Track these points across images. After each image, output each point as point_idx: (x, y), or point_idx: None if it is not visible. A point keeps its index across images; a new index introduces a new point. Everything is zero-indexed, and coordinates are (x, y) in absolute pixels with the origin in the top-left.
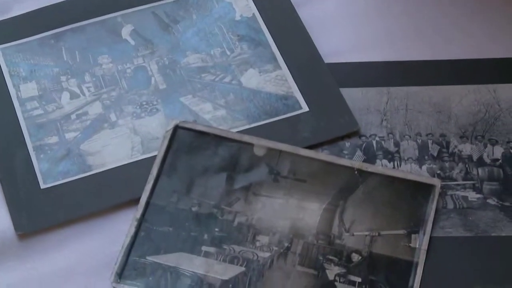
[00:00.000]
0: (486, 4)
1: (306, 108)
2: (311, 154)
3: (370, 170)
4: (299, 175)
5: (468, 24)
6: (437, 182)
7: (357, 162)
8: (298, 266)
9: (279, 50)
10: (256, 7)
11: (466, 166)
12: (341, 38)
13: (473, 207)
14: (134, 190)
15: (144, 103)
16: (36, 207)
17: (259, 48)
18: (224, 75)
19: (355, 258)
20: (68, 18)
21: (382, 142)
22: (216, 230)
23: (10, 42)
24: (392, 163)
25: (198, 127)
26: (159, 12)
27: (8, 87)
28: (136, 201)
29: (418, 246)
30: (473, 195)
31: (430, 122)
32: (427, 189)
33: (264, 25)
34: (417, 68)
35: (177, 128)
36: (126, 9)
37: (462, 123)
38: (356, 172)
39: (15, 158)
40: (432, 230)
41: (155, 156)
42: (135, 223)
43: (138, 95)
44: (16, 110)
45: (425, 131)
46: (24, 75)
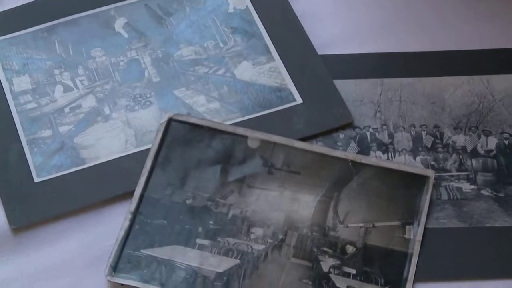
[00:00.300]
0: None
1: (299, 100)
2: (305, 146)
3: (364, 161)
4: (293, 167)
5: (461, 15)
6: (431, 173)
7: (351, 154)
8: (293, 258)
9: (273, 42)
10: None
11: (460, 157)
12: (334, 30)
13: (467, 198)
14: (128, 183)
15: (137, 96)
16: (30, 201)
17: (253, 40)
18: (217, 68)
19: (350, 249)
20: (61, 11)
21: (376, 134)
22: (210, 222)
23: (3, 35)
24: (386, 155)
25: (192, 120)
26: (152, 4)
27: (1, 81)
28: (130, 194)
29: (412, 237)
30: (467, 186)
31: (424, 114)
32: (421, 180)
33: (257, 17)
34: (410, 59)
35: (170, 121)
36: (119, 2)
37: (456, 114)
38: (350, 164)
39: (9, 152)
40: (426, 221)
41: (149, 149)
42: (129, 216)
43: (131, 88)
44: (9, 104)
45: (419, 123)
46: (17, 69)
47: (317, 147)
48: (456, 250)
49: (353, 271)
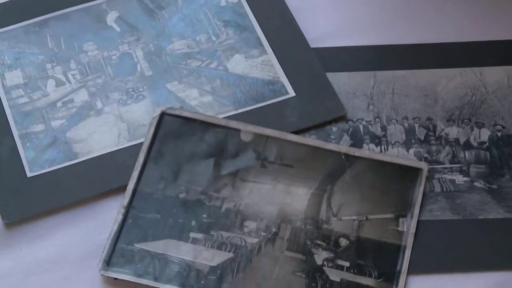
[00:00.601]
0: None
1: (292, 93)
2: (298, 139)
3: (357, 154)
4: (286, 160)
5: (454, 7)
6: (424, 165)
7: (344, 147)
8: (286, 251)
9: (265, 35)
10: None
11: (453, 149)
12: (327, 23)
13: (460, 190)
14: (121, 178)
15: (130, 90)
16: (23, 196)
17: (245, 33)
18: (210, 61)
19: (343, 242)
20: (52, 5)
21: (369, 126)
22: (203, 216)
23: None
24: (379, 147)
25: (185, 114)
26: None
27: None
28: (123, 188)
29: (405, 229)
30: (460, 178)
31: (417, 106)
32: (414, 172)
33: (249, 10)
34: (403, 52)
35: (163, 114)
36: None
37: (449, 107)
38: (343, 156)
39: (1, 147)
40: (419, 213)
41: (142, 143)
42: (123, 211)
43: (124, 82)
44: (1, 98)
45: (411, 115)
46: (9, 63)
47: (310, 140)
48: (449, 242)
49: (346, 264)
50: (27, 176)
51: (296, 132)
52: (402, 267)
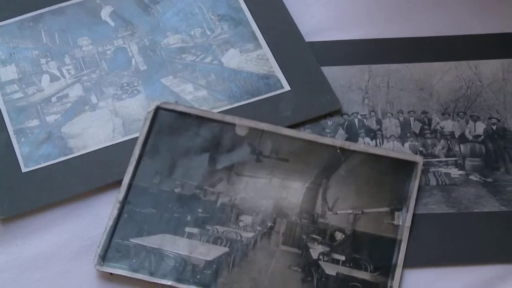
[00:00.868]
0: None
1: (287, 87)
2: (293, 133)
3: (352, 148)
4: (282, 155)
5: (449, 0)
6: (419, 159)
7: (339, 141)
8: (282, 246)
9: (260, 30)
10: None
11: (448, 142)
12: (321, 17)
13: (455, 184)
14: (116, 172)
15: (124, 85)
16: (17, 191)
17: (240, 27)
18: (204, 56)
19: (339, 236)
20: (46, 0)
21: (364, 120)
22: (199, 211)
23: None
24: (374, 141)
25: (180, 108)
26: None
27: None
28: (118, 183)
29: (401, 223)
30: (455, 172)
31: (412, 99)
32: (410, 166)
33: (244, 4)
34: (398, 45)
35: (158, 109)
36: None
37: (444, 100)
38: (338, 150)
39: None
40: (415, 207)
41: (137, 137)
42: (118, 205)
43: (118, 77)
44: None
45: (407, 109)
46: (3, 58)
47: (305, 134)
48: (444, 236)
49: (342, 258)
50: (22, 171)
51: (291, 126)
52: (398, 261)
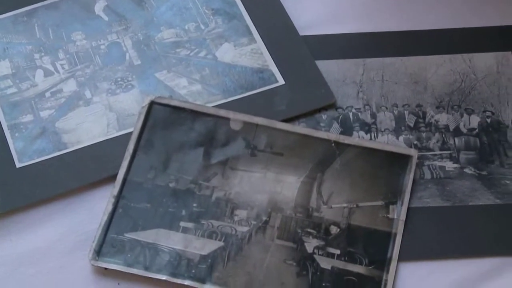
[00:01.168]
0: None
1: (282, 81)
2: (288, 127)
3: (347, 142)
4: (276, 149)
5: None
6: (414, 152)
7: (334, 135)
8: (277, 240)
9: (254, 24)
10: None
11: (443, 136)
12: (315, 10)
13: (450, 177)
14: (111, 167)
15: (119, 80)
16: (12, 186)
17: (234, 21)
18: (199, 50)
19: (334, 230)
20: None
21: (359, 114)
22: (194, 205)
23: None
24: (369, 135)
25: (174, 103)
26: None
27: None
28: (113, 178)
29: (396, 217)
30: (450, 165)
31: (407, 93)
32: (404, 160)
33: None
34: (392, 39)
35: (152, 104)
36: None
37: (438, 93)
38: (333, 144)
39: None
40: (409, 200)
41: (131, 132)
42: (113, 200)
43: (112, 72)
44: None
45: (401, 102)
46: None
47: (299, 128)
48: (439, 229)
49: (337, 252)
50: (16, 167)
51: (285, 120)
52: (393, 254)
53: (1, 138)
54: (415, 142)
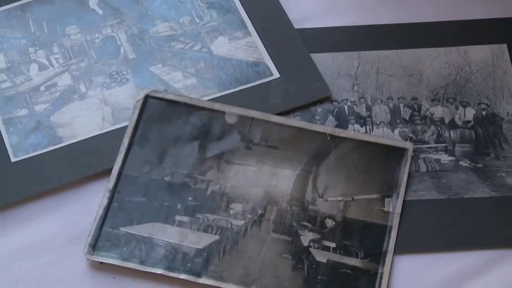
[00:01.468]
0: None
1: (277, 74)
2: (283, 120)
3: (342, 135)
4: (272, 142)
5: None
6: (409, 145)
7: (329, 128)
8: (273, 233)
9: (249, 17)
10: None
11: (438, 128)
12: (310, 3)
13: (445, 170)
14: (106, 161)
15: (113, 73)
16: (7, 181)
17: (229, 15)
18: (193, 43)
19: (329, 223)
20: None
21: (354, 107)
22: (189, 199)
23: None
24: (364, 128)
25: (169, 96)
26: None
27: None
28: (108, 172)
29: (391, 210)
30: (445, 158)
31: (402, 86)
32: (400, 152)
33: None
34: (387, 31)
35: (147, 97)
36: None
37: (434, 86)
38: (328, 137)
39: None
40: (405, 193)
41: (126, 126)
42: (108, 194)
43: (107, 66)
44: None
45: (396, 95)
46: None
47: (295, 122)
48: (435, 222)
49: (332, 245)
50: (11, 161)
51: (281, 113)
52: (388, 247)
53: None
54: (410, 135)
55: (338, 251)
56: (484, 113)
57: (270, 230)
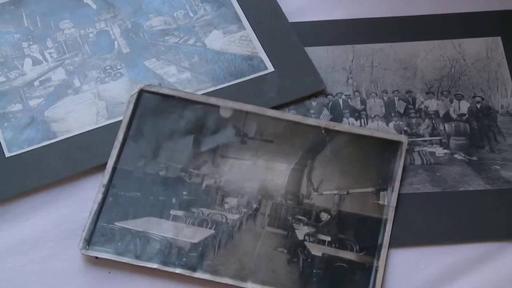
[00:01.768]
0: None
1: (271, 68)
2: (278, 114)
3: (337, 128)
4: (266, 136)
5: None
6: (404, 138)
7: (324, 121)
8: (268, 227)
9: (243, 11)
10: None
11: (433, 122)
12: None
13: (440, 163)
14: (101, 156)
15: (108, 68)
16: (1, 176)
17: (223, 8)
18: (188, 37)
19: (324, 217)
20: None
21: (349, 100)
22: (184, 193)
23: None
24: (359, 121)
25: (163, 91)
26: None
27: None
28: (102, 167)
29: (386, 203)
30: (440, 151)
31: (396, 79)
32: (395, 146)
33: None
34: (381, 25)
35: (142, 92)
36: None
37: (428, 79)
38: (323, 131)
39: None
40: (400, 187)
41: (121, 121)
42: (103, 189)
43: (101, 60)
44: None
45: (391, 88)
46: None
47: (289, 115)
48: (430, 215)
49: (328, 238)
50: (6, 156)
51: (275, 107)
52: (383, 241)
53: None
54: (405, 128)
55: (333, 245)
56: (478, 106)
57: (265, 224)
